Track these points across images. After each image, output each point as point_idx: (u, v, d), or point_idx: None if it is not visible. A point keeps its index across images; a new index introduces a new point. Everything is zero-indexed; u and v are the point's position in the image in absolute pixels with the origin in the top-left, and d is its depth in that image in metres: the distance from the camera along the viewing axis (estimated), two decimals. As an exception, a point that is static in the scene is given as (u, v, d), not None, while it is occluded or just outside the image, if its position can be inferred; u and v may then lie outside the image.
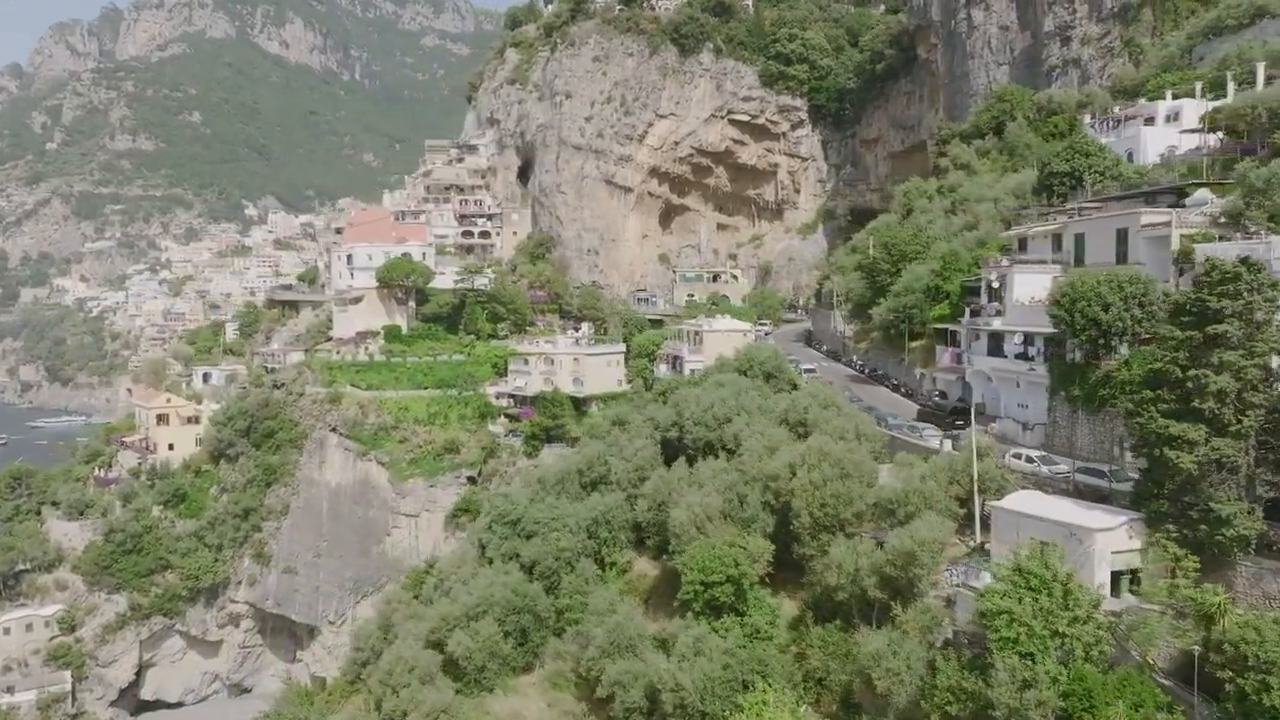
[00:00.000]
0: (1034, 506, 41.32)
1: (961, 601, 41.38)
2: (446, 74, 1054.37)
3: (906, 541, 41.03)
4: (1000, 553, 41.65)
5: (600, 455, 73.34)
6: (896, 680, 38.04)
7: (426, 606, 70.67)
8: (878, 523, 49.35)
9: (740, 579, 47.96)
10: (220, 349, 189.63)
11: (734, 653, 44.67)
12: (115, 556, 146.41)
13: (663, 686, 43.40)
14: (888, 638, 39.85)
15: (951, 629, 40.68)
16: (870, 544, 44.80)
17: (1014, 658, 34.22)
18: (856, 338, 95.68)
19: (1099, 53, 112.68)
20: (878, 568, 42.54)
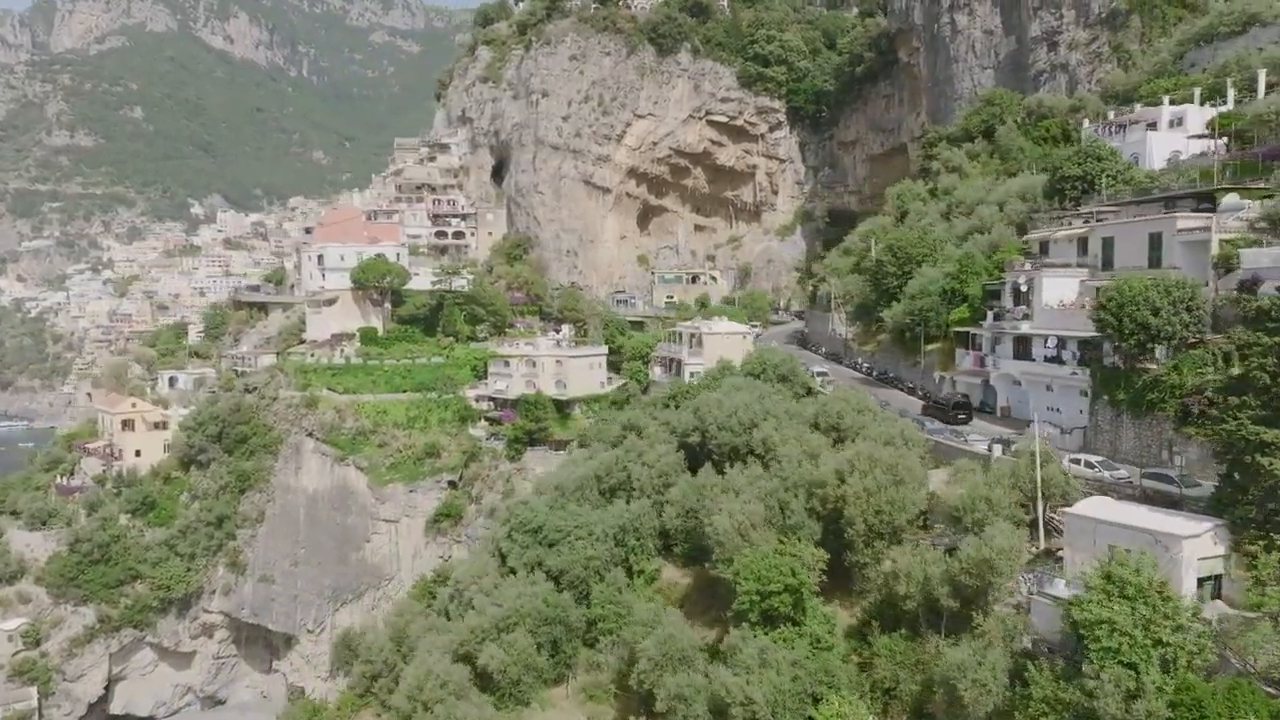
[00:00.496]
0: (1110, 513, 41.10)
1: (1037, 609, 41.04)
2: (397, 71, 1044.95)
3: (984, 549, 40.57)
4: (1074, 560, 41.38)
5: (619, 461, 72.18)
6: (983, 690, 37.49)
7: (445, 619, 68.90)
8: (936, 529, 48.91)
9: (800, 588, 47.20)
10: (185, 352, 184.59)
11: (802, 664, 43.88)
12: (82, 567, 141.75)
13: (732, 700, 42.43)
14: (969, 647, 39.29)
15: (1028, 637, 40.29)
16: (937, 552, 44.30)
17: (1116, 667, 33.84)
18: (861, 340, 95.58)
19: (1087, 58, 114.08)
20: (951, 576, 42.03)
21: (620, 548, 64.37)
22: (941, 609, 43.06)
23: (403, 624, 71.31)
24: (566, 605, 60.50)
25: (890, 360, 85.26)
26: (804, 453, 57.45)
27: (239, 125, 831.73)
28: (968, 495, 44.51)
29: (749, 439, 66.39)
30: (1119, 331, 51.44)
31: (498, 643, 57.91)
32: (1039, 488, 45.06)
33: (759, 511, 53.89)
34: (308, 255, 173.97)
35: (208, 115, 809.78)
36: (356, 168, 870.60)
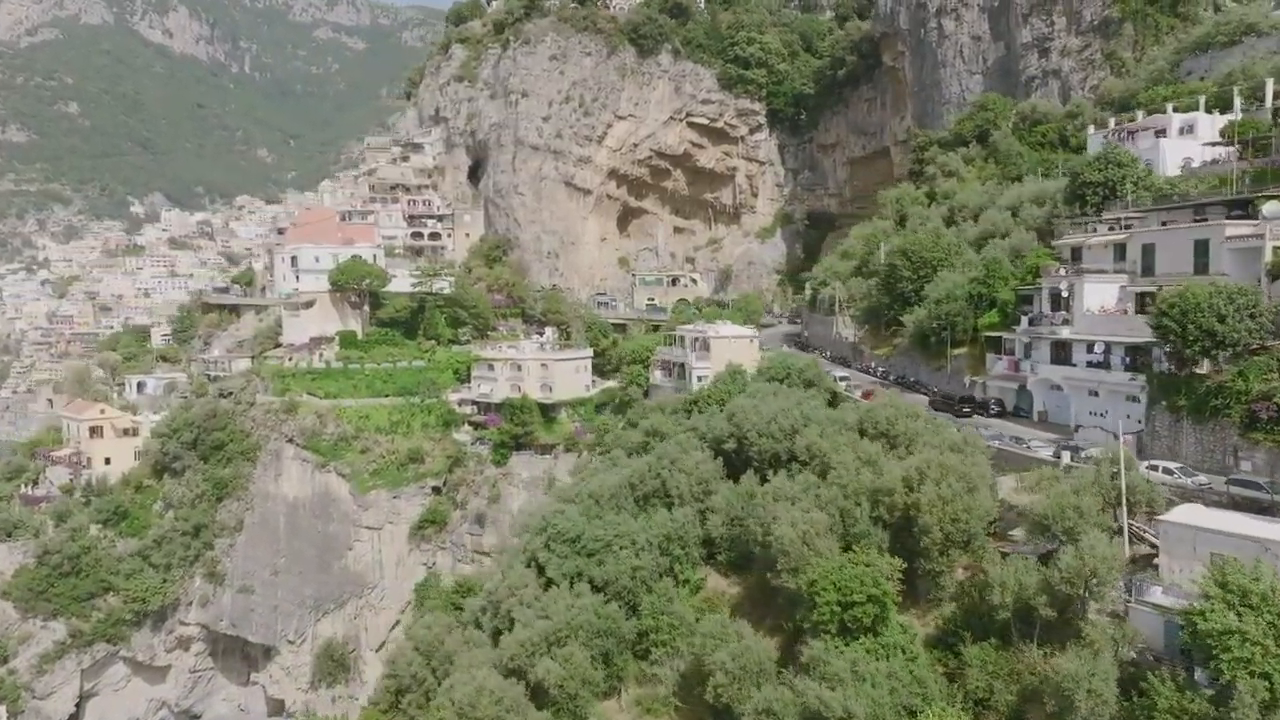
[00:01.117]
0: (1209, 520, 41.28)
1: (1136, 617, 41.05)
2: (342, 68, 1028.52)
3: (1087, 558, 40.42)
4: (1172, 568, 41.49)
5: (652, 468, 71.19)
6: (1100, 701, 37.29)
7: (478, 631, 67.30)
8: (1013, 537, 48.79)
9: (883, 598, 46.72)
10: (150, 355, 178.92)
11: (897, 675, 43.37)
12: (51, 580, 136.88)
13: (830, 715, 41.72)
14: (1078, 656, 39.09)
15: (1132, 646, 40.26)
16: (1029, 561, 44.11)
17: (1250, 679, 33.83)
18: (872, 344, 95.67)
19: (1080, 64, 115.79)
20: (1050, 585, 41.85)
21: (665, 556, 63.40)
22: (1036, 618, 42.85)
23: (432, 637, 69.36)
24: (617, 617, 59.41)
25: (909, 364, 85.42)
26: (860, 460, 57.01)
27: (179, 122, 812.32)
28: (1056, 503, 44.40)
29: (791, 445, 65.88)
30: (1182, 338, 51.85)
31: (553, 657, 56.58)
32: (1123, 495, 45.15)
33: (823, 520, 53.31)
34: (281, 256, 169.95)
35: (147, 111, 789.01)
36: (302, 165, 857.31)
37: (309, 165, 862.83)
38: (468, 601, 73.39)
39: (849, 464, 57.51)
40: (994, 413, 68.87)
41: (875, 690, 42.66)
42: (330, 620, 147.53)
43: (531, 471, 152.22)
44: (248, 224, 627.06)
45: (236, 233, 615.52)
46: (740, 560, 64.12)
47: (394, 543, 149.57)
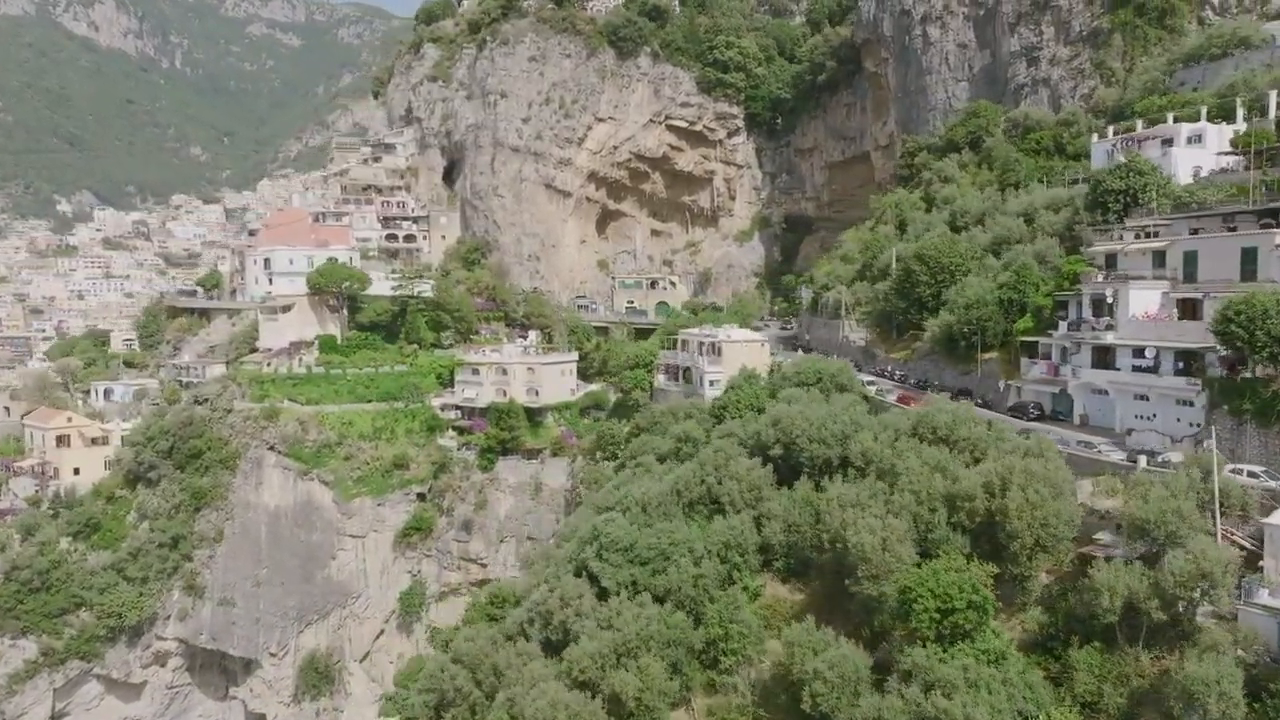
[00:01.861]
0: (1314, 523, 42.49)
1: (1247, 618, 42.01)
2: (277, 65, 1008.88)
3: (1201, 562, 41.24)
4: (1278, 569, 42.56)
5: (697, 475, 70.90)
6: (1231, 704, 38.04)
7: (530, 643, 66.22)
8: (1101, 540, 49.61)
9: (984, 604, 47.11)
10: (116, 361, 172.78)
11: (1011, 681, 43.75)
12: (20, 596, 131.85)
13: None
14: (1200, 659, 39.83)
15: (1251, 649, 41.17)
16: (1134, 566, 44.84)
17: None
18: (887, 347, 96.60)
19: (1069, 73, 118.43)
20: (1159, 588, 42.60)
21: (724, 564, 63.17)
22: (1143, 621, 43.60)
23: (476, 650, 68.01)
24: (685, 626, 59.04)
25: (932, 368, 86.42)
26: (929, 465, 57.45)
27: (108, 118, 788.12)
28: (1157, 507, 45.20)
29: (843, 451, 66.13)
30: (1249, 343, 53.22)
31: (626, 668, 55.97)
32: (1216, 498, 46.20)
33: (901, 527, 53.61)
34: (253, 259, 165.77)
35: (73, 106, 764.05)
36: (237, 164, 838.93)
37: (244, 164, 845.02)
38: (512, 613, 72.14)
39: (916, 469, 57.86)
40: (1033, 416, 70.06)
41: (993, 696, 42.96)
42: (313, 631, 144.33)
43: (519, 477, 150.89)
44: (185, 224, 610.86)
45: (174, 233, 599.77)
46: (798, 567, 64.18)
47: (378, 551, 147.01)
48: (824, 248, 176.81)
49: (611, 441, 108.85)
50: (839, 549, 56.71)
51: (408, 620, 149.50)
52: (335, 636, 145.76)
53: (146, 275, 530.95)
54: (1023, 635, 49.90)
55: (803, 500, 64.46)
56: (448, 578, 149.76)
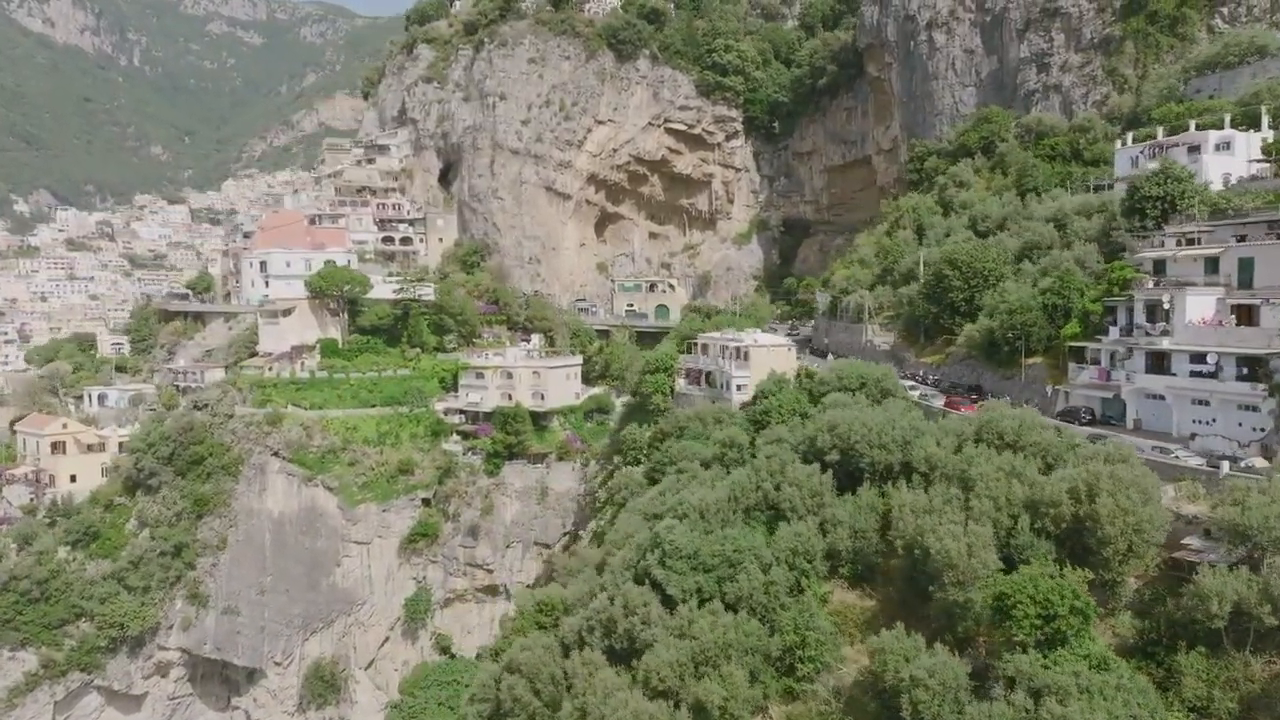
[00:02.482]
0: None
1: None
2: (238, 63, 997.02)
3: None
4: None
5: (753, 481, 70.68)
6: (1356, 708, 38.57)
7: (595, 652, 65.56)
8: (1191, 545, 50.14)
9: (1085, 609, 47.38)
10: (102, 366, 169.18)
11: (1125, 687, 44.01)
12: (19, 607, 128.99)
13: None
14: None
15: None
16: (1239, 571, 45.32)
17: None
18: (917, 351, 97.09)
19: (1081, 80, 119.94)
20: (1269, 593, 43.12)
21: (793, 571, 63.01)
22: (1251, 627, 44.09)
23: (533, 659, 67.21)
24: (762, 634, 58.82)
25: (968, 372, 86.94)
26: (1004, 471, 57.68)
27: (65, 116, 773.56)
28: (1259, 514, 45.74)
29: (906, 456, 66.25)
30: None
31: (709, 677, 55.67)
32: (1308, 503, 46.81)
33: (985, 533, 53.78)
34: (249, 261, 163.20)
35: (29, 104, 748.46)
36: (199, 164, 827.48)
37: (206, 163, 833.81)
38: (566, 621, 71.33)
39: (990, 475, 58.07)
40: (1085, 421, 70.73)
41: (1108, 702, 43.20)
42: (318, 639, 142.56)
43: (524, 481, 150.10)
44: (150, 224, 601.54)
45: (139, 233, 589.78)
46: (865, 573, 64.17)
47: (383, 557, 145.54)
48: (823, 250, 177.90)
49: (634, 446, 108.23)
50: (917, 555, 56.71)
51: (412, 627, 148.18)
52: (340, 644, 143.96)
53: (112, 277, 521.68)
54: (1115, 640, 50.21)
55: (868, 506, 64.46)
56: (453, 584, 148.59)
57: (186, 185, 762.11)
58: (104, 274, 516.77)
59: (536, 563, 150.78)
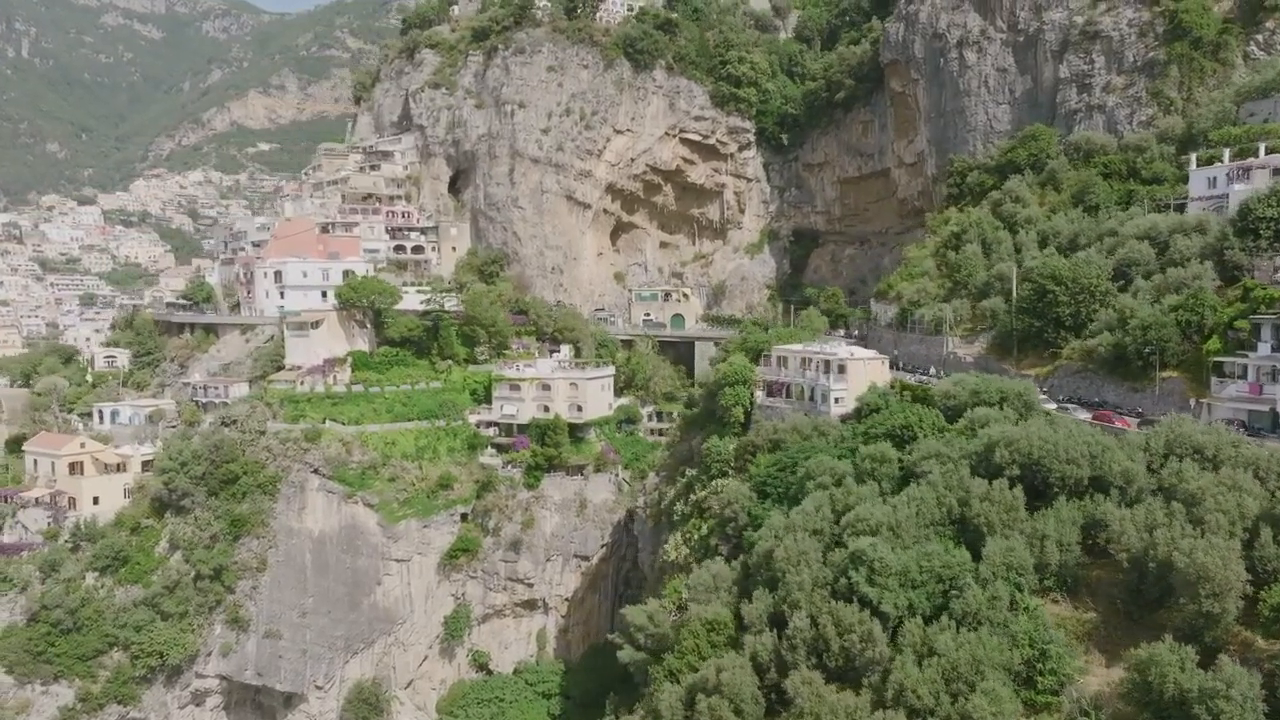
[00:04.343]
0: None
1: None
2: (136, 58, 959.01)
3: None
4: None
5: (932, 497, 72.15)
6: None
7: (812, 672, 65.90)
8: None
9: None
10: (98, 381, 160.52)
11: None
12: (50, 639, 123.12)
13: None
14: None
15: None
16: None
17: None
18: (1012, 364, 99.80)
19: (1124, 101, 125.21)
20: None
21: (1008, 585, 64.58)
22: None
23: (736, 680, 67.16)
24: (1002, 648, 60.17)
25: (1085, 385, 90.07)
26: (1225, 485, 60.42)
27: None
28: None
29: (1095, 471, 68.56)
30: None
31: (972, 695, 56.76)
32: None
33: (1235, 546, 56.29)
34: (262, 271, 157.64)
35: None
36: (99, 162, 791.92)
37: (106, 162, 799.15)
38: (750, 640, 71.29)
39: (1211, 489, 60.74)
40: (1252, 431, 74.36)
41: None
42: (358, 661, 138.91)
43: (563, 494, 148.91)
44: (60, 226, 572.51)
45: (48, 235, 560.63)
46: (1072, 586, 66.14)
47: (423, 575, 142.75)
48: (834, 260, 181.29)
49: (719, 459, 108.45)
50: (1152, 568, 58.92)
51: (450, 645, 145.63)
52: (381, 665, 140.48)
53: (22, 281, 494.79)
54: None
55: (1069, 520, 66.48)
56: (493, 599, 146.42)
57: (87, 184, 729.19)
58: (14, 279, 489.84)
59: (575, 575, 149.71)
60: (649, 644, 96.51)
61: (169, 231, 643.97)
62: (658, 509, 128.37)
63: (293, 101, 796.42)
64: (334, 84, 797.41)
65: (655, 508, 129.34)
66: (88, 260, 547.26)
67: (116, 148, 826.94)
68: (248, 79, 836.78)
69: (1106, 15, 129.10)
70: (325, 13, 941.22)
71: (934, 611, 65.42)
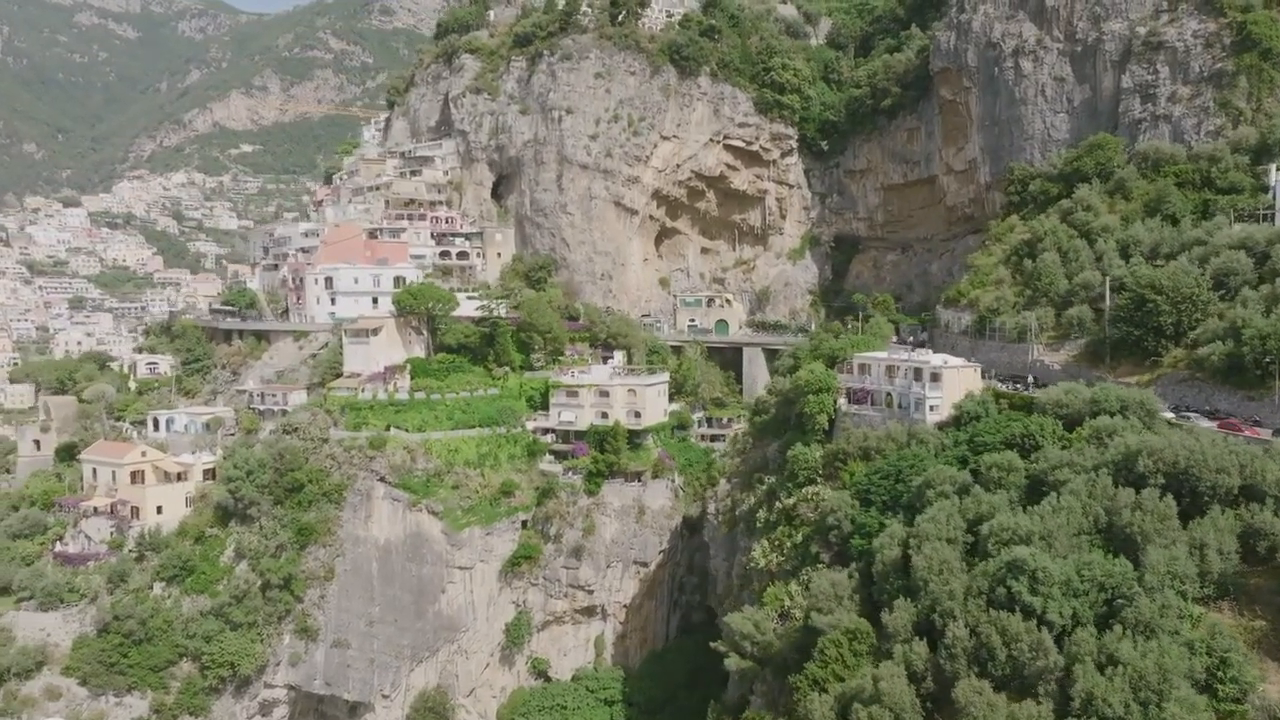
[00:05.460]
0: None
1: None
2: (111, 57, 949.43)
3: None
4: None
5: (1083, 508, 73.05)
6: None
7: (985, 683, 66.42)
8: None
9: None
10: (145, 388, 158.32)
11: None
12: (123, 650, 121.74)
13: None
14: None
15: None
16: None
17: None
18: (1107, 372, 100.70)
19: (1191, 111, 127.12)
20: None
21: (1176, 594, 65.48)
22: None
23: (895, 690, 67.68)
24: (1182, 656, 61.03)
25: (1193, 394, 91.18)
26: None
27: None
28: None
29: (1246, 479, 69.78)
30: None
31: (1163, 705, 57.57)
32: None
33: None
34: (313, 277, 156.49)
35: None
36: (78, 163, 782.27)
37: (84, 163, 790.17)
38: (904, 650, 71.78)
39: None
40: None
41: None
42: (422, 670, 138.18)
43: (622, 500, 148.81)
44: (46, 228, 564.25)
45: (35, 238, 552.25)
46: (1235, 595, 67.15)
47: (485, 582, 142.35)
48: (876, 266, 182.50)
49: (806, 466, 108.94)
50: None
51: (509, 652, 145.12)
52: (444, 674, 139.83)
53: (10, 284, 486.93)
54: None
55: (1226, 529, 67.52)
56: (554, 606, 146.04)
57: (65, 186, 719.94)
58: (3, 282, 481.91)
59: (634, 582, 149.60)
60: (755, 652, 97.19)
61: (154, 234, 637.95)
62: (731, 515, 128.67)
63: (275, 102, 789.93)
64: (317, 85, 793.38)
65: (728, 514, 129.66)
66: (75, 263, 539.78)
67: (94, 148, 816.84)
68: (228, 80, 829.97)
69: (1170, 26, 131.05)
70: (305, 13, 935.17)
71: (1098, 620, 66.17)
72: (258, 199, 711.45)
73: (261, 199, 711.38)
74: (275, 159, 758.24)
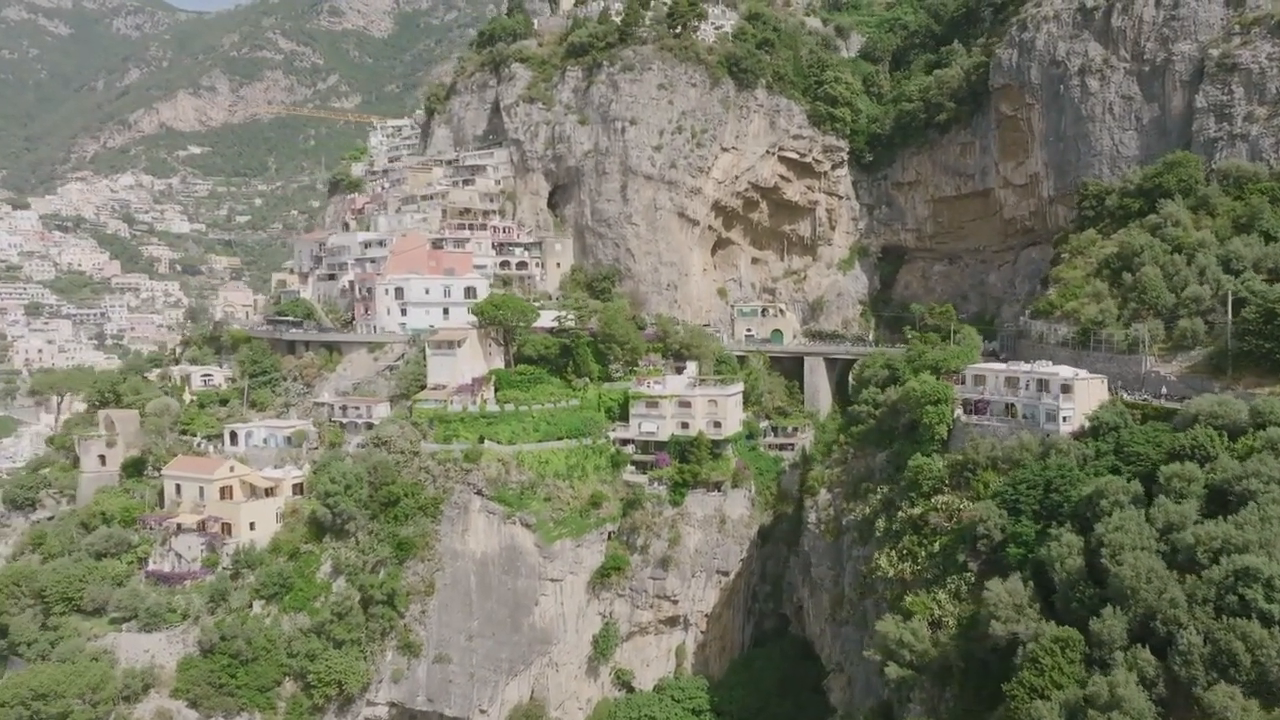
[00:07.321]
0: None
1: None
2: (42, 54, 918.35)
3: None
4: None
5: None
6: None
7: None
8: None
9: None
10: (206, 401, 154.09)
11: None
12: (231, 670, 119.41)
13: None
14: None
15: None
16: None
17: None
18: (1229, 383, 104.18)
19: (1269, 130, 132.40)
20: None
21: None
22: None
23: (1132, 696, 69.90)
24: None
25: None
26: None
27: None
28: None
29: None
30: None
31: None
32: None
33: None
34: (383, 288, 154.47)
35: None
36: (11, 163, 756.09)
37: (19, 163, 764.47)
38: (1132, 657, 74.03)
39: None
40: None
41: None
42: (516, 684, 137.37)
43: (704, 510, 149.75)
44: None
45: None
46: None
47: (574, 594, 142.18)
48: (925, 277, 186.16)
49: (930, 476, 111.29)
50: None
51: (595, 664, 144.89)
52: (537, 686, 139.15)
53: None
54: None
55: None
56: (639, 617, 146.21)
57: (1, 186, 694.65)
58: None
59: (716, 591, 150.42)
60: (914, 661, 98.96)
61: (105, 237, 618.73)
62: (835, 525, 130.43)
63: (224, 104, 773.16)
64: (267, 86, 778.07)
65: (831, 523, 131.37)
66: (29, 267, 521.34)
67: (28, 148, 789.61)
68: (172, 79, 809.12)
69: (1244, 49, 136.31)
70: (250, 12, 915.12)
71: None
72: (208, 202, 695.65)
73: (212, 202, 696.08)
74: (225, 161, 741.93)
